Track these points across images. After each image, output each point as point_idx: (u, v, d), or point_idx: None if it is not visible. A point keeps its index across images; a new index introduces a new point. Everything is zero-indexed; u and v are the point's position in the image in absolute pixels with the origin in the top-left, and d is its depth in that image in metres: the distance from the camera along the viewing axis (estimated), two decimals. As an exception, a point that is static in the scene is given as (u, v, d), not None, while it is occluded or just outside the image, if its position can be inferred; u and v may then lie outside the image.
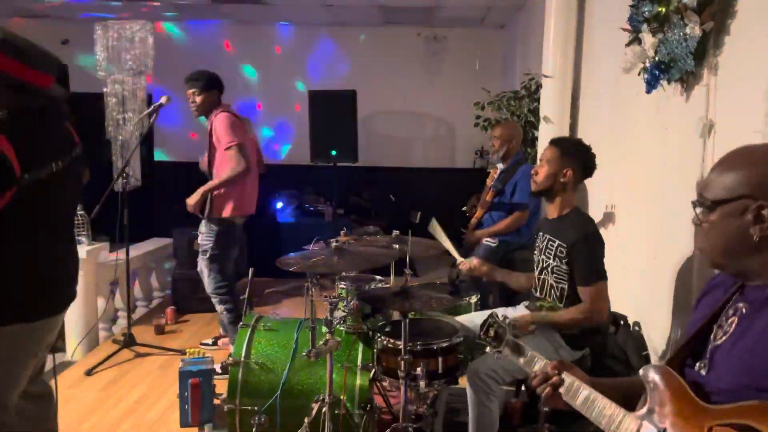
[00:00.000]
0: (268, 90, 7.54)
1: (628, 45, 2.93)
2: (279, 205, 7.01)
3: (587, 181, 4.06)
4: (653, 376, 1.35)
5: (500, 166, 4.18)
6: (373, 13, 7.09)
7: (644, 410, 1.33)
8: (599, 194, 3.93)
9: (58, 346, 4.36)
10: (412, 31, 7.51)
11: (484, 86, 5.58)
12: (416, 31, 7.53)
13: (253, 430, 2.71)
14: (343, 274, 2.97)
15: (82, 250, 4.23)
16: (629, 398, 1.45)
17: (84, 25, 5.92)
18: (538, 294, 2.70)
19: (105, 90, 5.18)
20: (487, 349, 1.76)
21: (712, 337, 1.36)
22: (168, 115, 7.60)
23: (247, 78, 7.56)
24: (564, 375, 1.52)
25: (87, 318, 4.33)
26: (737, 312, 1.32)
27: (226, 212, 3.90)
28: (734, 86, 2.39)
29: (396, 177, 7.45)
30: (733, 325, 1.31)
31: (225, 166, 3.82)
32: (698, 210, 1.35)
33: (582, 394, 1.46)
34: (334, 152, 5.81)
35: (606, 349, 2.79)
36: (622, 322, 3.16)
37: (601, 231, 3.70)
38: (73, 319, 4.32)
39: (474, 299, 3.22)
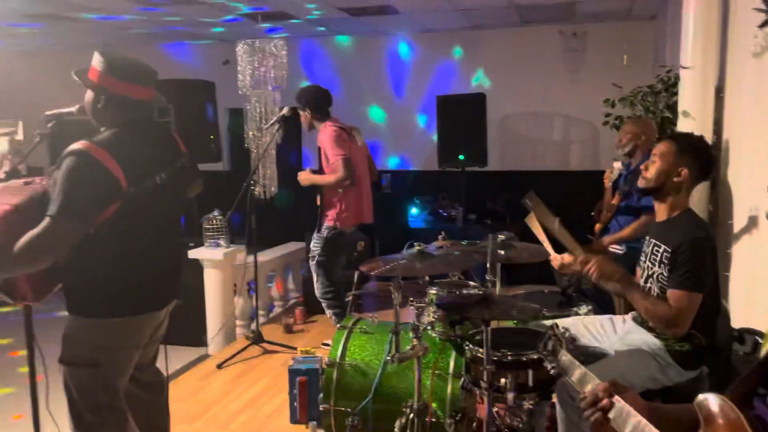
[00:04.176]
0: (399, 99, 7.64)
1: (761, 27, 2.57)
2: (414, 211, 7.08)
3: (731, 182, 3.64)
4: (709, 406, 1.17)
5: (617, 165, 3.87)
6: (510, 13, 6.92)
7: (695, 444, 1.16)
8: (742, 196, 3.48)
9: (202, 340, 4.80)
10: (551, 29, 7.22)
11: (635, 83, 5.18)
12: (556, 29, 7.22)
13: (347, 431, 2.75)
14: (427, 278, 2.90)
15: (220, 253, 4.61)
16: (693, 430, 1.26)
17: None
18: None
19: (247, 105, 5.58)
20: (545, 363, 1.63)
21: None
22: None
23: (377, 89, 7.72)
24: (615, 399, 1.36)
25: (225, 315, 4.70)
26: None
27: (334, 221, 4.09)
28: None
29: (533, 180, 7.18)
30: None
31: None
32: None
33: (631, 422, 1.30)
34: (462, 157, 5.74)
35: (731, 370, 2.47)
36: (759, 339, 2.77)
37: (744, 236, 3.30)
38: (214, 316, 4.71)
39: (584, 310, 3.00)
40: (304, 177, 4.18)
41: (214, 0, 5.58)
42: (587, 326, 2.61)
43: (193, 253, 4.58)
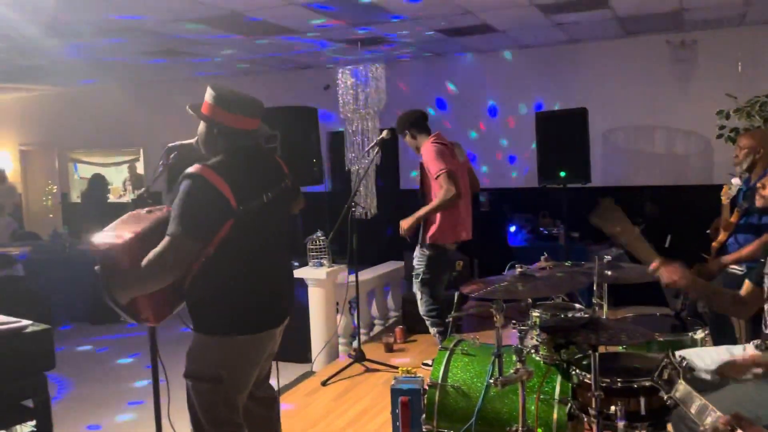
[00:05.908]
0: (497, 116, 7.59)
1: None
2: (512, 228, 6.97)
3: None
4: None
5: (735, 181, 3.64)
6: (612, 25, 6.72)
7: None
8: None
9: (307, 357, 4.95)
10: (657, 39, 6.94)
11: (752, 92, 4.87)
12: (663, 38, 6.93)
13: (450, 453, 2.74)
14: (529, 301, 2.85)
15: (323, 272, 4.75)
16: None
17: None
18: (767, 330, 2.29)
19: (347, 128, 5.76)
20: (661, 393, 1.56)
21: None
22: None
23: (476, 106, 7.70)
24: (738, 432, 1.28)
25: (327, 333, 4.82)
26: None
27: (438, 238, 4.08)
28: None
29: (641, 196, 6.89)
30: None
31: (436, 193, 3.99)
32: None
33: (757, 457, 1.22)
34: (563, 173, 5.61)
35: None
36: None
37: None
38: (317, 333, 4.84)
39: (701, 335, 2.83)
40: (406, 224, 4.17)
41: (313, 35, 5.82)
42: (703, 358, 2.46)
43: (297, 273, 4.75)
